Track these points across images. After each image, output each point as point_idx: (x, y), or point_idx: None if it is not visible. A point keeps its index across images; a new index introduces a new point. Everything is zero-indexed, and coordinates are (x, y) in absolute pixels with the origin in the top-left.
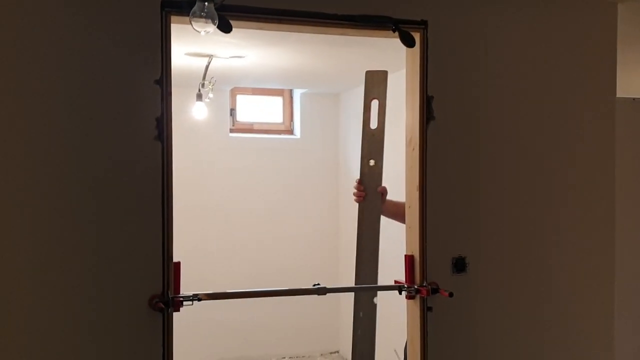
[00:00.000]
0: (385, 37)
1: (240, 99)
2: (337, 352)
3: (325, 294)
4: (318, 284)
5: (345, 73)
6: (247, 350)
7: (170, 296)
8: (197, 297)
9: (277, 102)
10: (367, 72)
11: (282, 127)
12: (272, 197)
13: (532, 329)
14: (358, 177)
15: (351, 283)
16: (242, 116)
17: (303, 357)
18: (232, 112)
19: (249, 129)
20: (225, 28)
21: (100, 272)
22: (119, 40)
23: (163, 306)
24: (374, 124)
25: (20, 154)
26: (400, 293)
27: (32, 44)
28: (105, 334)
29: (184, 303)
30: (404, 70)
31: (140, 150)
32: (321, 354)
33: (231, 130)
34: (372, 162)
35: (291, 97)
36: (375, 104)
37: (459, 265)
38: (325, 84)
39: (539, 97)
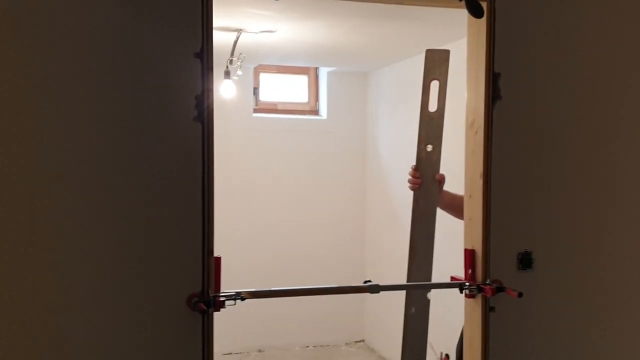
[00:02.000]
0: (449, 6)
1: (264, 77)
2: (363, 341)
3: (378, 292)
4: (369, 281)
5: (379, 50)
6: (271, 340)
7: (211, 295)
8: (240, 296)
9: (302, 81)
10: (428, 51)
11: (307, 108)
12: (296, 180)
13: (606, 332)
14: (414, 163)
15: (378, 269)
16: (265, 95)
17: (328, 346)
18: (255, 91)
19: (272, 109)
20: None
21: (135, 268)
22: (154, 7)
23: (205, 307)
24: (432, 107)
25: (47, 137)
26: (461, 291)
27: (62, 16)
28: (140, 336)
29: (226, 303)
30: (446, 46)
31: (178, 133)
32: (346, 343)
33: (254, 110)
34: (429, 148)
35: (317, 76)
36: (435, 85)
37: (525, 261)
38: (354, 62)
39: (623, 79)
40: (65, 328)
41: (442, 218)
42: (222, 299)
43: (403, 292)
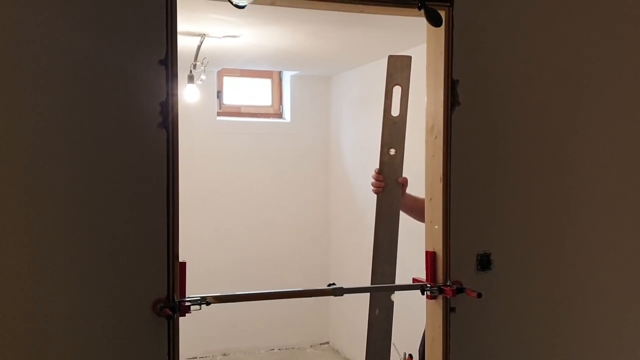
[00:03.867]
0: (408, 15)
1: (228, 81)
2: (327, 343)
3: (342, 294)
4: (333, 284)
5: (341, 54)
6: (236, 343)
7: (176, 300)
8: (205, 301)
9: (266, 84)
10: (390, 57)
11: (271, 111)
12: (261, 183)
13: (562, 331)
14: (377, 166)
15: (342, 271)
16: (229, 99)
17: (293, 348)
18: (219, 94)
19: (236, 112)
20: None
21: (100, 274)
22: (118, 15)
23: (170, 312)
24: (395, 111)
25: (12, 145)
26: (422, 293)
27: (24, 23)
28: (106, 342)
29: (191, 308)
30: (408, 51)
31: (143, 139)
32: (311, 346)
33: (218, 114)
34: (392, 151)
35: (280, 80)
36: (397, 90)
37: (484, 262)
38: (317, 66)
39: (577, 83)
40: (31, 333)
41: (405, 220)
42: (187, 303)
43: (367, 294)
